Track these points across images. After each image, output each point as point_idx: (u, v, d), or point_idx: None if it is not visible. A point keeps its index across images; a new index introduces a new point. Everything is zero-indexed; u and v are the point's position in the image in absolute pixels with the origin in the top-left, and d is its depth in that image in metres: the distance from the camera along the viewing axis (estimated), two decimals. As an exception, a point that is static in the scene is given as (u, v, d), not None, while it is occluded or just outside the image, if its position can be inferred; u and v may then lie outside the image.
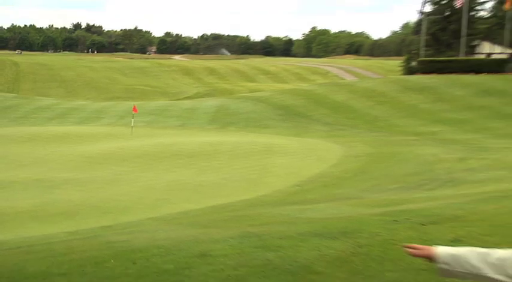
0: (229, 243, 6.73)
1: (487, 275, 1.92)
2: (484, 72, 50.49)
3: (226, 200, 16.43)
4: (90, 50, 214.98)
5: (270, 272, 5.56)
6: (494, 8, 74.74)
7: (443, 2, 71.78)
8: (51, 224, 13.69)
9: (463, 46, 63.48)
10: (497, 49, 64.20)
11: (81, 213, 15.40)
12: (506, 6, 58.88)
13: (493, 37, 67.13)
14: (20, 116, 46.68)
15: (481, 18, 74.60)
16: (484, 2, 74.22)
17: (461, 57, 61.13)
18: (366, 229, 7.41)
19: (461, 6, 63.04)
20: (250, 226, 8.32)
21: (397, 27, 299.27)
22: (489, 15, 75.39)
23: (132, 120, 37.59)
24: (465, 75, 50.95)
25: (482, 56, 65.23)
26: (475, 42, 69.08)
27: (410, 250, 2.11)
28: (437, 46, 69.94)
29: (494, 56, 62.36)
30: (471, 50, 67.47)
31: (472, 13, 68.79)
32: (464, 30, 62.55)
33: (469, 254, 2.00)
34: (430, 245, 2.18)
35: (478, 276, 1.96)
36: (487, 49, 66.60)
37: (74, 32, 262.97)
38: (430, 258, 2.09)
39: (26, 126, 41.14)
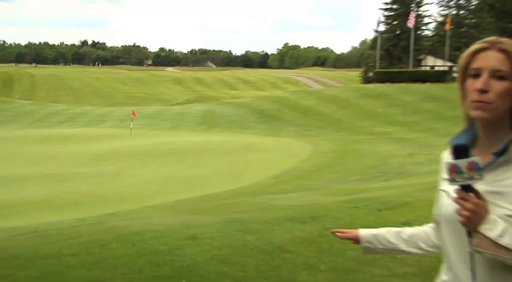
0: (215, 228, 6.71)
1: (402, 248, 2.07)
2: (429, 82, 50.95)
3: (213, 191, 16.39)
4: (96, 63, 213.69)
5: (250, 252, 5.55)
6: (436, 28, 75.68)
7: (394, 23, 72.33)
8: (62, 212, 13.61)
9: (411, 60, 63.98)
10: (439, 62, 64.99)
11: (88, 203, 15.33)
12: (447, 26, 59.78)
13: (436, 52, 67.93)
14: (35, 120, 46.59)
15: (425, 36, 75.43)
16: (428, 23, 75.25)
17: (410, 69, 61.56)
18: (331, 214, 7.43)
19: (410, 25, 63.66)
20: (233, 213, 8.31)
21: (356, 44, 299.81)
22: (432, 34, 76.24)
23: (131, 123, 37.56)
24: (413, 84, 51.31)
25: (427, 68, 65.80)
26: (421, 57, 69.67)
27: (339, 234, 2.25)
28: (390, 59, 70.41)
29: (436, 68, 63.06)
30: (418, 63, 68.03)
31: (419, 32, 69.41)
32: (412, 46, 63.03)
33: (386, 233, 2.10)
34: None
35: (395, 250, 2.11)
36: (431, 62, 67.22)
37: (81, 48, 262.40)
38: (356, 240, 2.20)
39: (40, 128, 41.03)
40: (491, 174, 1.69)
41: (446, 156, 1.89)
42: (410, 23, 63.04)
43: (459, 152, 1.64)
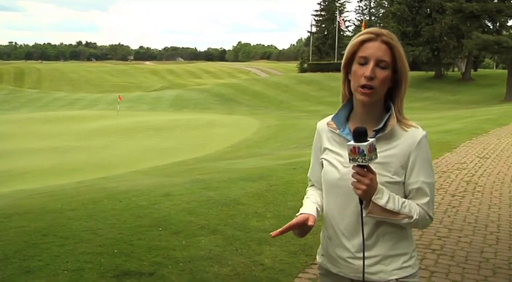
0: (184, 187, 6.69)
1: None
2: (350, 71, 51.49)
3: (182, 158, 16.30)
4: (93, 59, 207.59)
5: (212, 205, 5.57)
6: (354, 29, 76.55)
7: (323, 26, 72.68)
8: (65, 177, 13.39)
9: (336, 54, 64.58)
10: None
11: (85, 169, 15.13)
12: (363, 29, 60.38)
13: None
14: (42, 105, 45.91)
15: (347, 36, 75.97)
16: (348, 26, 76.13)
17: (335, 61, 62.15)
18: (275, 174, 7.49)
19: (335, 28, 64.17)
20: (198, 175, 8.29)
21: (294, 41, 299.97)
22: (352, 34, 76.93)
23: (118, 105, 37.12)
24: (338, 72, 51.57)
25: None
26: (343, 52, 70.03)
27: (280, 230, 1.64)
28: (320, 54, 70.86)
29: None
30: (341, 56, 68.42)
31: (341, 33, 69.94)
32: (336, 44, 63.58)
33: (316, 206, 1.78)
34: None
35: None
36: (352, 56, 67.94)
37: (77, 47, 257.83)
38: (304, 223, 1.68)
39: (46, 111, 40.29)
40: None
41: (322, 126, 1.81)
42: (342, 25, 63.77)
43: (359, 135, 1.50)
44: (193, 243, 4.31)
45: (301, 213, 1.71)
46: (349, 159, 1.52)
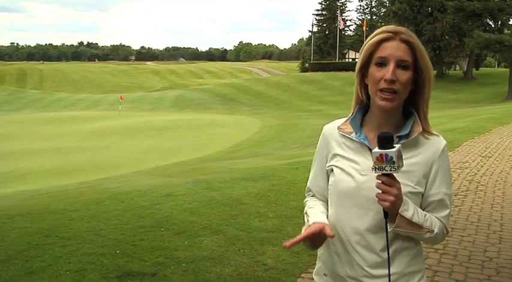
0: (186, 187, 6.68)
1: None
2: (351, 70, 51.39)
3: (184, 158, 16.31)
4: (96, 59, 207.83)
5: (214, 205, 5.56)
6: (356, 29, 76.58)
7: (324, 25, 72.69)
8: (67, 178, 13.42)
9: (338, 53, 64.54)
10: (359, 55, 66.03)
11: (87, 170, 15.15)
12: (364, 28, 60.54)
13: (356, 48, 68.68)
14: (44, 106, 45.94)
15: (348, 35, 76.09)
16: (350, 25, 76.09)
17: (337, 60, 62.12)
18: (277, 174, 7.47)
19: (337, 27, 64.09)
20: (200, 175, 8.28)
21: (295, 41, 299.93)
22: (353, 33, 77.01)
23: (120, 106, 37.14)
24: (339, 72, 51.83)
25: (350, 60, 66.50)
26: (345, 51, 70.35)
27: (292, 241, 1.45)
28: (321, 53, 70.85)
29: (357, 60, 63.92)
30: (342, 56, 68.72)
31: (343, 32, 69.93)
32: (338, 43, 63.51)
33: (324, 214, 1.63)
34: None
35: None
36: (353, 55, 68.02)
37: (78, 48, 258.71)
38: (319, 232, 1.49)
39: (48, 112, 40.38)
40: None
41: (329, 131, 1.64)
42: (340, 25, 63.66)
43: (386, 141, 1.37)
44: (196, 243, 4.30)
45: (313, 223, 1.51)
46: (375, 168, 1.37)
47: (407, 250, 1.53)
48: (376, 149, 1.38)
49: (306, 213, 1.63)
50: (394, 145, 1.37)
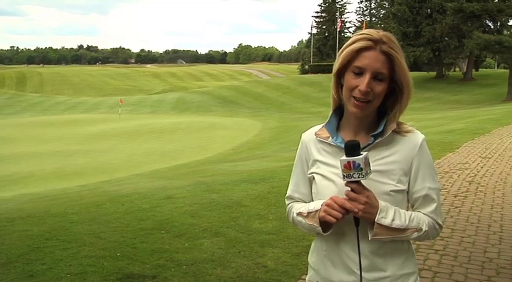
0: (187, 189, 6.69)
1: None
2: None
3: (184, 161, 16.32)
4: (98, 62, 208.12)
5: (214, 207, 5.57)
6: (355, 31, 76.42)
7: (323, 27, 72.79)
8: (67, 181, 13.42)
9: (337, 55, 64.47)
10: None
11: (87, 173, 15.14)
12: (363, 30, 60.53)
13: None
14: (44, 109, 45.87)
15: (348, 37, 75.93)
16: (349, 27, 76.18)
17: (336, 62, 62.14)
18: (277, 176, 7.48)
19: (336, 29, 64.19)
20: (201, 177, 8.29)
21: (295, 43, 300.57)
22: (352, 35, 77.04)
23: (120, 109, 37.15)
24: (339, 74, 51.67)
25: (350, 62, 66.46)
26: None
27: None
28: (321, 55, 70.94)
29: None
30: (342, 58, 68.62)
31: (342, 34, 70.04)
32: (337, 45, 63.55)
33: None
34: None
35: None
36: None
37: (78, 51, 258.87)
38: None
39: (48, 115, 40.38)
40: (370, 155, 1.45)
41: (308, 137, 1.66)
42: (338, 27, 63.77)
43: (352, 149, 1.39)
44: (196, 245, 4.31)
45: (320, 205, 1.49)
46: (343, 175, 1.39)
47: (399, 252, 1.52)
48: (343, 157, 1.40)
49: (299, 213, 1.60)
50: (361, 153, 1.38)
